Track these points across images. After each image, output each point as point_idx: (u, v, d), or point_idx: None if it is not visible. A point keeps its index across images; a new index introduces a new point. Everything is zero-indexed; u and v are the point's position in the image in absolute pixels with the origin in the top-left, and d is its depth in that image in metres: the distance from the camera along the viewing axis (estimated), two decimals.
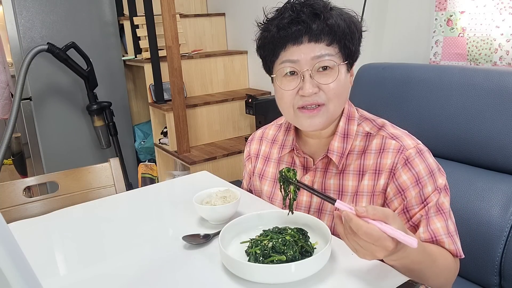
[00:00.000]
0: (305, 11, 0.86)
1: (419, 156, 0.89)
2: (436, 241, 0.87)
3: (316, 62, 0.88)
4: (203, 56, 2.91)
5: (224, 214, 1.00)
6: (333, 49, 0.88)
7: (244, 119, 2.90)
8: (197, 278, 0.81)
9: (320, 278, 0.77)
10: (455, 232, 0.89)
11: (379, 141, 0.93)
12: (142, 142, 3.14)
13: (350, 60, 0.92)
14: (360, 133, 0.96)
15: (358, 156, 0.95)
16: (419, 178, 0.88)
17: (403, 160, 0.89)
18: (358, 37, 0.91)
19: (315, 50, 0.87)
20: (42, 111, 2.69)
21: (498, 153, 1.24)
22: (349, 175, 0.95)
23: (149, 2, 2.66)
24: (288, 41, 0.88)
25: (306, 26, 0.86)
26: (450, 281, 0.88)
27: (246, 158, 1.18)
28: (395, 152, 0.90)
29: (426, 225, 0.87)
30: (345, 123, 0.97)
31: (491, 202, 1.19)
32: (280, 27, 0.88)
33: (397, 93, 1.51)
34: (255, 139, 1.16)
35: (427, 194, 0.88)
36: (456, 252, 0.87)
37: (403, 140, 0.91)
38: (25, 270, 0.42)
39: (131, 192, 1.31)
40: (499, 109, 1.23)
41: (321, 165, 0.98)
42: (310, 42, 0.87)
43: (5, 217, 0.44)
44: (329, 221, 0.97)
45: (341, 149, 0.95)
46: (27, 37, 2.59)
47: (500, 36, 1.50)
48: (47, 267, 0.89)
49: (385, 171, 0.90)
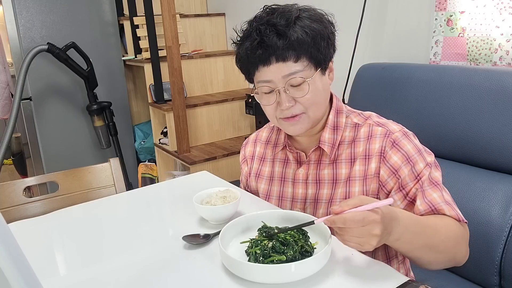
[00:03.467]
0: (268, 33, 0.90)
1: (406, 137, 0.95)
2: (435, 209, 0.89)
3: (287, 80, 0.92)
4: (203, 56, 2.91)
5: (224, 214, 1.00)
6: (301, 63, 0.91)
7: (244, 119, 2.90)
8: (197, 278, 0.81)
9: (320, 278, 0.77)
10: (452, 201, 0.92)
11: (367, 129, 0.99)
12: (142, 142, 3.14)
13: (322, 65, 0.94)
14: (349, 125, 1.01)
15: (348, 145, 1.00)
16: (409, 156, 0.92)
17: (391, 142, 0.94)
18: (324, 45, 0.92)
19: (283, 70, 0.91)
20: (42, 111, 2.69)
21: (498, 153, 1.24)
22: (341, 163, 0.99)
23: (149, 2, 2.66)
24: (259, 63, 0.93)
25: (271, 48, 0.90)
26: (461, 246, 0.89)
27: (242, 161, 1.21)
28: (382, 137, 0.96)
29: (422, 197, 0.90)
30: (334, 116, 1.01)
31: (491, 202, 1.19)
32: (248, 51, 0.93)
33: (397, 93, 1.51)
34: (250, 142, 1.20)
35: (419, 170, 0.92)
36: (457, 217, 0.89)
37: (389, 125, 0.98)
38: (25, 270, 0.42)
39: (131, 192, 1.31)
40: (499, 109, 1.24)
41: (314, 157, 1.03)
42: (278, 61, 0.91)
43: (5, 217, 0.44)
44: (325, 208, 1.00)
45: (332, 140, 1.00)
46: (27, 37, 2.59)
47: (500, 36, 1.50)
48: (47, 267, 0.89)
49: (375, 155, 0.95)
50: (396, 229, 0.76)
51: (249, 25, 0.95)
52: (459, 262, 0.90)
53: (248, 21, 0.96)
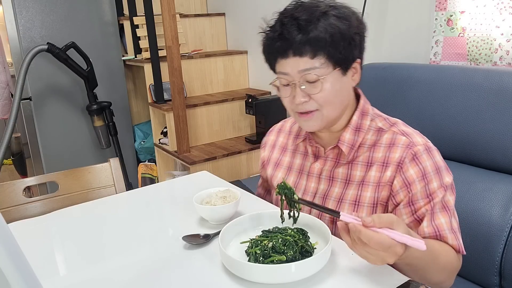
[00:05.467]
0: (289, 26, 0.90)
1: (427, 153, 0.92)
2: (439, 235, 0.88)
3: (302, 75, 0.92)
4: (203, 56, 2.91)
5: (224, 214, 1.00)
6: (318, 60, 0.90)
7: (244, 119, 2.90)
8: (197, 278, 0.81)
9: (320, 278, 0.77)
10: (458, 230, 0.91)
11: (390, 136, 0.97)
12: (142, 142, 3.14)
13: (342, 65, 0.93)
14: (373, 128, 1.00)
15: (368, 149, 0.99)
16: (425, 173, 0.91)
17: (411, 155, 0.92)
18: (345, 44, 0.90)
19: (300, 65, 0.91)
20: (42, 111, 2.69)
21: (498, 153, 1.24)
22: (357, 165, 0.99)
23: (149, 2, 2.66)
24: (277, 55, 0.94)
25: (289, 41, 0.90)
26: (451, 276, 0.89)
27: (262, 147, 1.23)
28: (404, 147, 0.93)
29: (430, 219, 0.89)
30: (358, 117, 1.00)
31: (491, 202, 1.19)
32: (270, 41, 0.95)
33: (397, 93, 1.51)
34: (274, 131, 1.22)
35: (433, 189, 0.90)
36: (458, 247, 0.89)
37: (413, 137, 0.95)
38: (25, 270, 0.42)
39: (131, 192, 1.31)
40: (499, 109, 1.23)
41: (331, 154, 1.03)
42: (295, 56, 0.91)
43: (5, 217, 0.44)
44: (333, 206, 0.99)
45: (351, 141, 0.99)
46: (27, 37, 2.58)
47: (500, 36, 1.50)
48: (47, 267, 0.89)
49: (393, 164, 0.93)
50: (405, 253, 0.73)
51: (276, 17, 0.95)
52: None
53: (277, 12, 0.96)
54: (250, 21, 2.89)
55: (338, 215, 0.75)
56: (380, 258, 0.71)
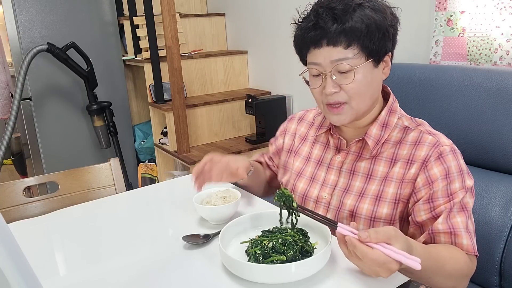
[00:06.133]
0: (324, 16, 0.91)
1: (453, 154, 0.93)
2: (453, 233, 0.88)
3: (334, 65, 0.92)
4: (203, 56, 2.91)
5: (224, 214, 1.00)
6: (351, 51, 0.91)
7: (244, 119, 2.90)
8: (197, 278, 0.81)
9: (320, 278, 0.77)
10: (473, 232, 0.91)
11: (416, 135, 0.98)
12: (142, 142, 3.14)
13: (375, 57, 0.94)
14: (399, 126, 1.01)
15: (393, 145, 0.99)
16: (449, 173, 0.91)
17: (437, 154, 0.93)
18: (379, 36, 0.92)
19: (333, 54, 0.91)
20: (42, 111, 2.69)
21: (498, 153, 1.24)
22: (381, 161, 0.99)
23: (149, 2, 2.66)
24: (311, 44, 0.95)
25: (324, 31, 0.91)
26: (462, 281, 0.89)
27: (281, 133, 1.23)
28: (430, 146, 0.94)
29: (446, 217, 0.89)
30: (386, 113, 1.01)
31: (491, 202, 1.19)
32: (303, 31, 0.95)
33: (397, 93, 1.50)
34: (295, 119, 1.21)
35: (454, 189, 0.91)
36: (472, 248, 0.89)
37: (440, 137, 0.96)
38: (25, 270, 0.42)
39: (131, 192, 1.31)
40: (499, 109, 1.23)
41: (354, 148, 1.03)
42: (329, 45, 0.91)
43: (5, 217, 0.44)
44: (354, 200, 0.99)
45: (378, 136, 1.00)
46: (27, 37, 2.58)
47: (500, 36, 1.50)
48: (47, 267, 0.89)
49: (418, 162, 0.94)
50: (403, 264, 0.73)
51: (311, 7, 0.96)
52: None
53: (311, 3, 0.97)
54: (250, 21, 2.89)
55: (336, 226, 0.76)
56: (374, 272, 0.72)
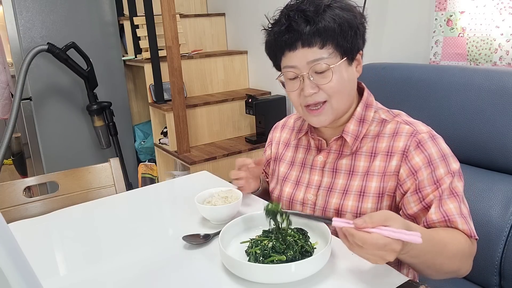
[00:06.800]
0: (297, 19, 0.91)
1: (432, 140, 0.93)
2: (448, 220, 0.87)
3: (311, 66, 0.93)
4: (203, 56, 2.91)
5: (225, 214, 1.00)
6: (326, 50, 0.92)
7: (244, 119, 2.90)
8: (197, 278, 0.81)
9: (320, 278, 0.77)
10: (468, 215, 0.89)
11: (394, 126, 0.98)
12: (142, 142, 3.14)
13: (349, 55, 0.95)
14: (376, 119, 1.01)
15: (372, 139, 0.99)
16: (431, 160, 0.91)
17: (416, 142, 0.93)
18: (352, 34, 0.93)
19: (308, 55, 0.92)
20: (42, 111, 2.69)
21: (498, 153, 1.24)
22: (361, 156, 0.99)
23: (149, 2, 2.66)
24: (285, 48, 0.95)
25: (298, 33, 0.91)
26: (466, 262, 0.88)
27: (268, 145, 1.24)
28: (408, 136, 0.94)
29: (438, 206, 0.88)
30: (362, 109, 1.01)
31: (491, 202, 1.19)
32: (276, 35, 0.95)
33: (397, 93, 1.51)
34: (279, 127, 1.23)
35: (439, 176, 0.90)
36: (470, 232, 0.87)
37: (417, 125, 0.96)
38: (25, 270, 0.42)
39: (131, 192, 1.31)
40: (499, 109, 1.23)
41: (334, 146, 1.03)
42: (304, 47, 0.92)
43: (5, 217, 0.44)
44: (338, 198, 0.99)
45: (356, 131, 1.00)
46: (27, 37, 2.58)
47: (500, 36, 1.50)
48: (47, 267, 0.89)
49: (398, 153, 0.94)
50: (406, 248, 0.73)
51: (280, 12, 0.97)
52: (461, 275, 0.89)
53: (280, 9, 0.98)
54: (250, 21, 2.89)
55: (331, 222, 0.76)
56: (379, 257, 0.71)
